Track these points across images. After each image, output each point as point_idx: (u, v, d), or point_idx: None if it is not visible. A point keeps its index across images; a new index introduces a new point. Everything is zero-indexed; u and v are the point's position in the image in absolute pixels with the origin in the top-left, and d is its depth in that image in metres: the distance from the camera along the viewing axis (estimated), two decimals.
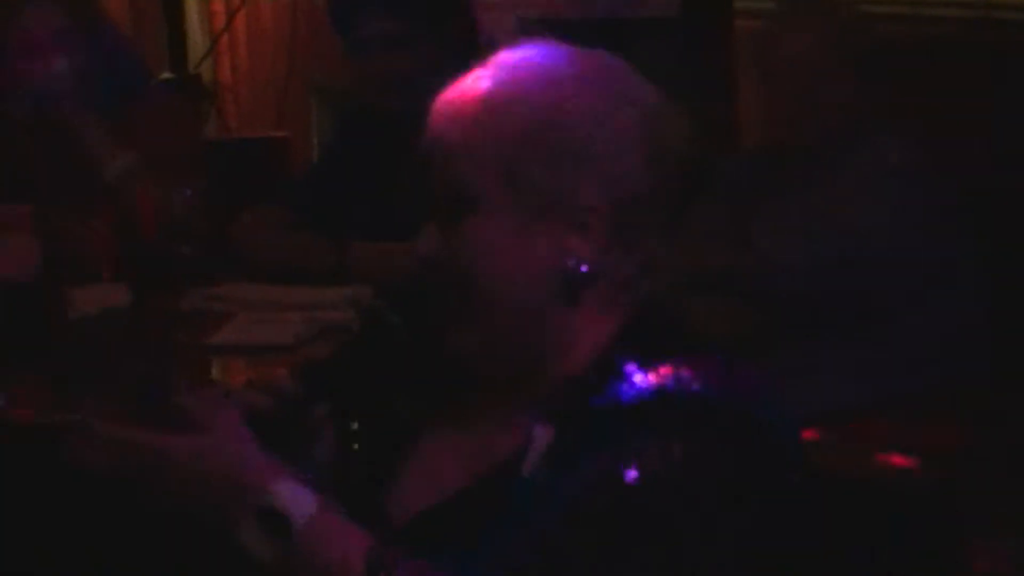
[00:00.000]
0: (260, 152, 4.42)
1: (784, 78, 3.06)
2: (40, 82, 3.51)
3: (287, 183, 3.88)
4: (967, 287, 3.03)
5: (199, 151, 3.71)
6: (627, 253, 1.59)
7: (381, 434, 1.70)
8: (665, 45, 3.67)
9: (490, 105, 1.59)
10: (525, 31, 1.75)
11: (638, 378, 1.52)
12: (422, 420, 1.69)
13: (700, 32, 3.82)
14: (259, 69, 5.25)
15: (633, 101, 1.60)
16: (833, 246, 2.94)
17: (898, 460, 2.73)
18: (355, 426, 1.70)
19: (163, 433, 1.54)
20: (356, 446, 1.70)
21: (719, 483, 1.47)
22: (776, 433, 1.55)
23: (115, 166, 3.43)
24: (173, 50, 5.00)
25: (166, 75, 4.75)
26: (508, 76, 1.61)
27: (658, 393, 1.50)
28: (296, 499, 1.50)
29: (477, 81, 1.61)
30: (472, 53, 1.68)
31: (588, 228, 1.57)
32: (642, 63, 1.66)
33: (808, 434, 2.60)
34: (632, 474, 1.45)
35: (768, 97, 3.15)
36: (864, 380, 2.96)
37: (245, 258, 3.39)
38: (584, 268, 1.57)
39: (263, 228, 3.41)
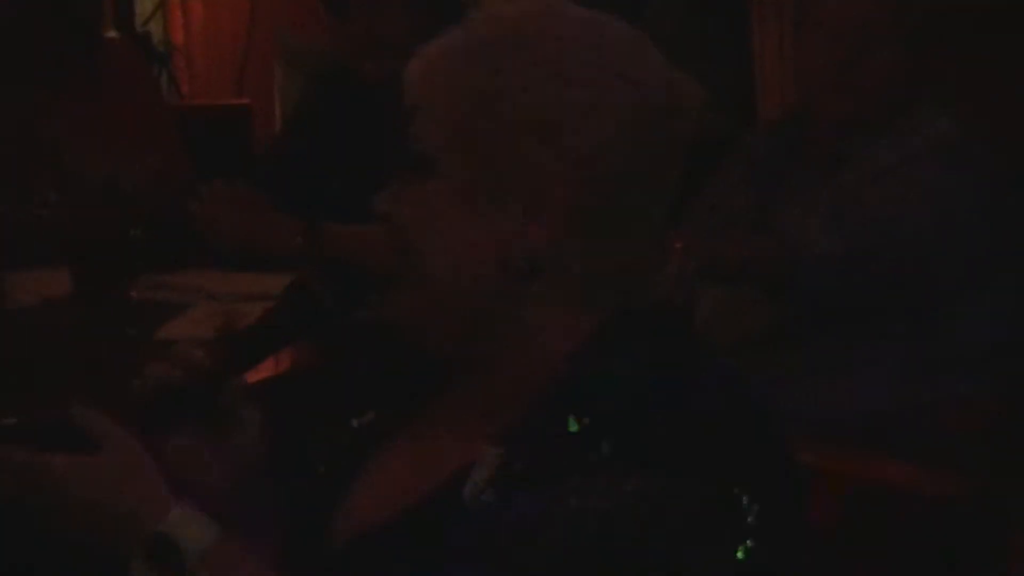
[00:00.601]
0: (219, 122, 4.28)
1: (823, 42, 2.87)
2: None
3: (251, 156, 3.69)
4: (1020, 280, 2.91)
5: (158, 117, 3.45)
6: (594, 246, 1.51)
7: (334, 439, 1.66)
8: (677, 8, 3.47)
9: (455, 59, 1.52)
10: None
11: (607, 394, 1.45)
12: (383, 427, 1.63)
13: None
14: (216, 28, 5.09)
15: (626, 76, 1.49)
16: (868, 231, 2.79)
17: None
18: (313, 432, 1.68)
19: (47, 451, 1.50)
20: (306, 454, 1.67)
21: (671, 526, 1.40)
22: (756, 467, 1.46)
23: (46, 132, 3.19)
24: (117, 6, 4.89)
25: (110, 35, 4.61)
26: (484, 29, 1.53)
27: (622, 424, 1.43)
28: (191, 529, 1.47)
29: (454, 32, 1.55)
30: (457, 19, 1.59)
31: (544, 214, 1.49)
32: (652, 26, 1.56)
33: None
34: (577, 511, 1.40)
35: (806, 62, 2.96)
36: (901, 382, 2.84)
37: (203, 241, 3.25)
38: (535, 259, 1.50)
39: (224, 207, 3.24)
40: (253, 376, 1.73)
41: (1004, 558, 2.27)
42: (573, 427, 1.43)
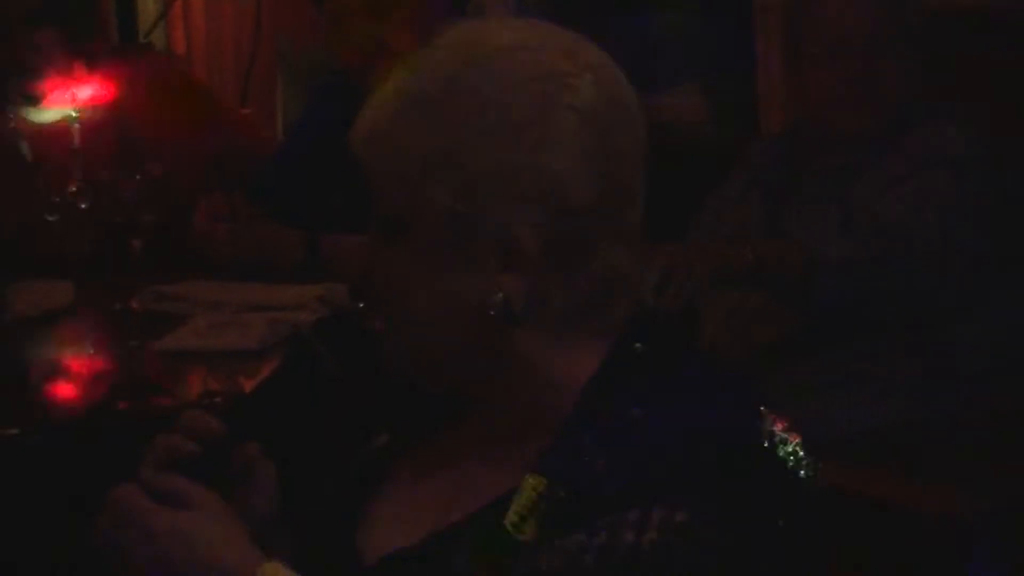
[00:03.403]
0: None
1: (829, 57, 2.89)
2: None
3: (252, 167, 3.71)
4: None
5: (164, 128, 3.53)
6: (574, 276, 1.50)
7: (347, 467, 1.67)
8: (682, 18, 3.48)
9: (400, 120, 1.50)
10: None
11: (638, 419, 1.45)
12: (398, 450, 1.64)
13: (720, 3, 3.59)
14: (218, 38, 5.08)
15: (571, 104, 1.48)
16: (879, 238, 2.80)
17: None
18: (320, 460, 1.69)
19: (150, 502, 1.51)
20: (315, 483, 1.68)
21: (725, 553, 1.41)
22: (790, 481, 1.48)
23: None
24: (121, 16, 4.83)
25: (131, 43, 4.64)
26: (423, 72, 1.51)
27: (661, 446, 1.43)
28: None
29: (391, 86, 1.52)
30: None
31: (515, 259, 1.48)
32: (656, 37, 1.46)
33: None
34: (630, 544, 1.40)
35: (804, 78, 2.96)
36: (912, 395, 2.85)
37: (203, 252, 3.29)
38: (514, 304, 1.49)
39: (223, 218, 3.33)
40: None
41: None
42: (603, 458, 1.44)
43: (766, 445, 1.47)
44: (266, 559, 1.47)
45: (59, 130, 3.36)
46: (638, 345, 1.51)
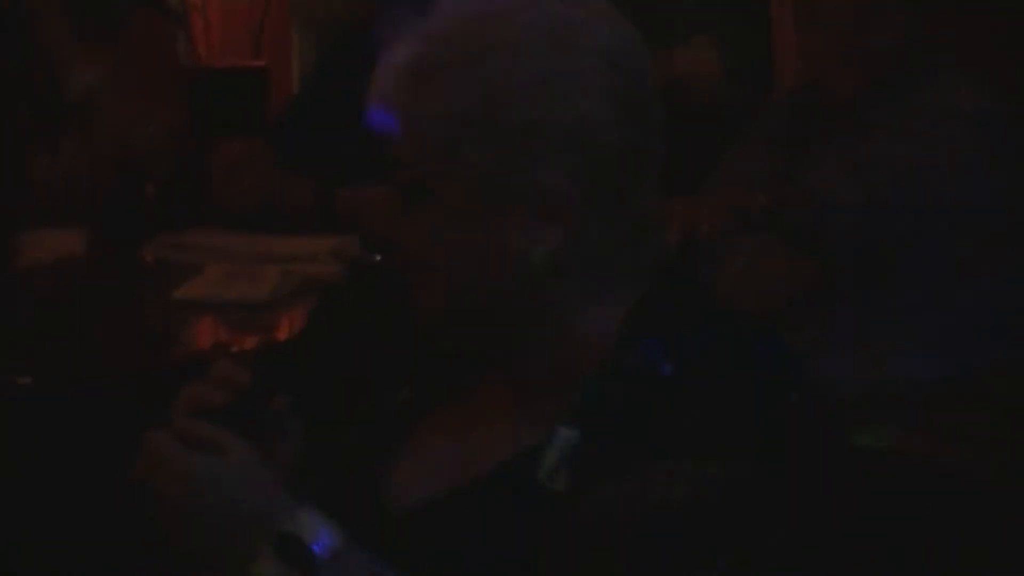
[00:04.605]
0: (236, 83, 4.22)
1: (825, 20, 2.89)
2: None
3: (268, 118, 3.71)
4: None
5: (177, 78, 3.54)
6: (610, 221, 1.51)
7: (372, 419, 1.66)
8: None
9: (419, 78, 1.49)
10: None
11: (668, 372, 1.45)
12: (422, 403, 1.63)
13: None
14: None
15: (590, 48, 1.49)
16: (891, 184, 2.80)
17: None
18: (337, 413, 1.68)
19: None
20: (340, 433, 1.67)
21: (760, 504, 1.42)
22: (822, 435, 1.49)
23: (79, 81, 3.20)
24: None
25: None
26: (437, 38, 1.50)
27: (693, 400, 1.43)
28: (320, 531, 1.45)
29: (408, 45, 1.51)
30: None
31: (553, 210, 1.48)
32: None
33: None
34: (662, 496, 1.40)
35: (807, 40, 2.96)
36: (922, 354, 2.84)
37: (216, 202, 3.30)
38: (558, 254, 1.49)
39: (238, 168, 3.30)
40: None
41: None
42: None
43: (797, 398, 1.47)
44: (298, 505, 1.46)
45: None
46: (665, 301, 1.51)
